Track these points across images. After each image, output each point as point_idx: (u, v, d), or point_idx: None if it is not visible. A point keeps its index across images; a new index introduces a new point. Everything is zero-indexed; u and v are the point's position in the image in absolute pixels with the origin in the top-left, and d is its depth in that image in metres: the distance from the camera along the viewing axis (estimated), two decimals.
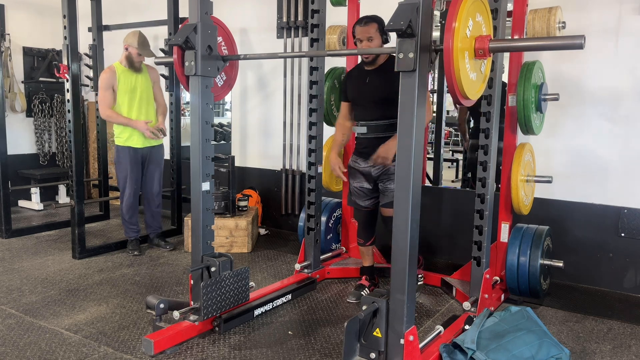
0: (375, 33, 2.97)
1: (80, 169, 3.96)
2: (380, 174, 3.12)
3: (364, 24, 2.99)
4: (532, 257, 3.03)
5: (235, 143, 5.29)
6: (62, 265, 3.86)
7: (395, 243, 2.08)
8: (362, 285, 3.35)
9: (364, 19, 3.02)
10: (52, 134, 6.07)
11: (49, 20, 5.86)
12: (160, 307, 2.56)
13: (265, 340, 2.71)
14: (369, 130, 3.10)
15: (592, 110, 3.50)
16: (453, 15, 1.89)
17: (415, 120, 1.98)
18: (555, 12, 2.94)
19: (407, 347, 2.10)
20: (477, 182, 2.97)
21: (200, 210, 2.68)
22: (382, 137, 3.03)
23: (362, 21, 3.01)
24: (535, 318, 2.59)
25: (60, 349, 2.55)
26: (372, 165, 3.11)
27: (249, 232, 4.27)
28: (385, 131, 3.05)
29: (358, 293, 3.28)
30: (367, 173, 3.18)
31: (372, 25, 2.98)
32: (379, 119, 3.07)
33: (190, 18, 2.57)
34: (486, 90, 2.89)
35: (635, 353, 2.66)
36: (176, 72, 2.67)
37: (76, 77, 3.92)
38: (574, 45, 1.87)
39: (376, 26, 2.98)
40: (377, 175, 3.14)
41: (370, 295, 2.23)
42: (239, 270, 2.80)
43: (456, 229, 4.03)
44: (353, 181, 3.27)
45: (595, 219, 3.53)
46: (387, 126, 3.04)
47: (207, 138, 2.68)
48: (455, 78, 1.92)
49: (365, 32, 2.98)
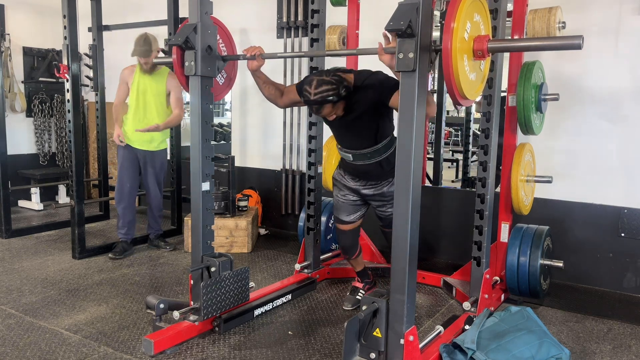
0: (333, 108, 2.58)
1: (80, 169, 3.97)
2: (374, 195, 2.92)
3: (316, 111, 2.60)
4: (532, 257, 3.03)
5: (235, 143, 5.29)
6: (62, 265, 3.86)
7: (395, 243, 2.08)
8: (355, 288, 3.25)
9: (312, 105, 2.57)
10: (52, 134, 6.07)
11: (49, 20, 5.86)
12: (160, 307, 2.56)
13: (265, 340, 2.71)
14: (355, 159, 2.84)
15: (592, 110, 3.50)
16: (452, 16, 1.89)
17: (415, 120, 1.98)
18: (555, 12, 2.94)
19: (407, 347, 2.10)
20: (477, 182, 2.97)
21: (200, 210, 2.68)
22: (369, 164, 2.82)
23: (312, 108, 2.60)
24: (535, 318, 2.59)
25: (60, 349, 2.55)
26: (363, 185, 2.92)
27: (249, 232, 4.27)
28: (371, 158, 2.80)
29: (353, 298, 3.17)
30: (356, 190, 2.97)
31: (325, 108, 2.57)
32: (362, 147, 2.79)
33: (190, 18, 2.57)
34: (486, 90, 2.89)
35: (635, 353, 2.66)
36: (176, 72, 2.67)
37: (76, 77, 3.92)
38: (572, 45, 1.87)
39: (330, 105, 2.55)
40: (368, 195, 2.94)
41: (370, 296, 2.23)
42: (239, 270, 2.80)
43: (456, 229, 4.03)
44: (338, 192, 3.04)
45: (595, 219, 3.53)
46: (372, 153, 2.78)
47: (207, 138, 2.68)
48: (454, 78, 1.92)
49: (324, 115, 2.64)
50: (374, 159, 2.80)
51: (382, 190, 2.89)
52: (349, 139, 2.83)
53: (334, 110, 2.60)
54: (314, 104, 2.54)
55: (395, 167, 2.05)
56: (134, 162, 4.08)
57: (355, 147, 2.81)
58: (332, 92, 2.50)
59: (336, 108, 2.60)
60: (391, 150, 2.80)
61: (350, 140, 2.82)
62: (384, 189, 2.88)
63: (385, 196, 2.89)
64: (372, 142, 2.76)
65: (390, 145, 2.80)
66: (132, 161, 4.07)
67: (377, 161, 2.80)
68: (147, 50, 3.86)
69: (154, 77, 4.00)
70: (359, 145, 2.79)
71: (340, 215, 3.05)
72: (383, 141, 2.78)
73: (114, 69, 5.71)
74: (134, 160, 4.08)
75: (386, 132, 2.79)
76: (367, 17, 3.80)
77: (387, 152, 2.80)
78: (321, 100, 2.51)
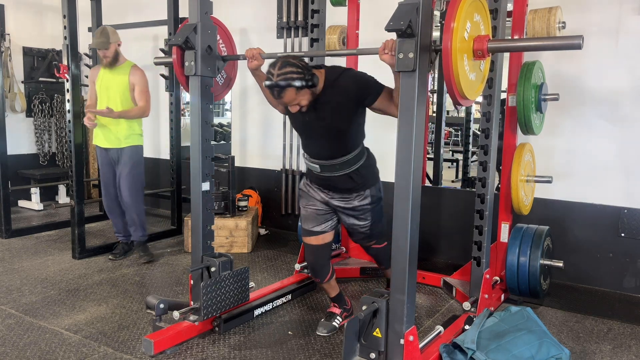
0: (297, 95, 2.31)
1: (80, 169, 3.97)
2: (345, 208, 2.65)
3: (277, 95, 2.31)
4: (532, 257, 3.03)
5: (235, 143, 5.29)
6: (62, 265, 3.86)
7: (395, 243, 2.08)
8: (332, 313, 2.89)
9: (274, 89, 2.29)
10: (52, 134, 6.07)
11: (49, 20, 5.87)
12: (160, 307, 2.56)
13: (265, 340, 2.71)
14: (323, 170, 2.58)
15: (592, 110, 3.49)
16: (452, 16, 1.89)
17: (415, 120, 1.98)
18: (555, 12, 2.94)
19: (407, 347, 2.10)
20: (477, 182, 2.97)
21: (200, 210, 2.68)
22: (338, 176, 2.56)
23: (274, 91, 2.30)
24: (535, 318, 2.59)
25: (60, 349, 2.55)
26: (332, 197, 2.66)
27: (249, 232, 4.27)
28: (340, 170, 2.54)
29: (330, 324, 2.81)
30: (324, 202, 2.70)
31: (288, 93, 2.29)
32: (331, 157, 2.53)
33: (190, 18, 2.57)
34: (486, 90, 2.89)
35: (635, 353, 2.66)
36: (175, 73, 2.66)
37: (76, 77, 3.92)
38: (572, 45, 1.87)
39: (293, 90, 2.28)
40: (339, 207, 2.67)
41: (370, 296, 2.23)
42: (239, 270, 2.80)
43: (456, 229, 4.03)
44: (305, 203, 2.75)
45: (595, 219, 3.53)
46: (342, 164, 2.53)
47: (207, 138, 2.68)
48: (454, 78, 1.92)
49: (284, 103, 2.35)
50: (342, 170, 2.55)
51: (352, 204, 2.63)
52: (317, 147, 2.58)
53: (298, 98, 2.32)
54: (276, 86, 2.27)
55: (395, 167, 2.05)
56: (110, 165, 3.94)
57: (324, 156, 2.55)
58: (297, 75, 2.26)
59: (300, 96, 2.32)
60: (362, 162, 2.58)
61: (319, 148, 2.57)
62: (354, 203, 2.63)
63: (357, 210, 2.65)
64: (342, 151, 2.52)
65: (361, 157, 2.58)
66: (108, 165, 3.94)
67: (347, 173, 2.55)
68: (104, 42, 3.68)
69: (116, 72, 3.81)
70: (328, 155, 2.54)
71: (309, 226, 2.73)
72: (354, 151, 2.54)
73: None
74: (109, 164, 3.94)
75: (358, 141, 2.57)
76: (367, 17, 3.80)
77: (358, 164, 2.56)
78: (284, 84, 2.26)
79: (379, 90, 2.38)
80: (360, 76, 2.45)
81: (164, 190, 5.20)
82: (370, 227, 2.71)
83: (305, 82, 2.28)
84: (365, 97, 2.38)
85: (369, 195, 2.63)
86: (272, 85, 2.29)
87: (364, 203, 2.63)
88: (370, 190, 2.63)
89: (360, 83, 2.41)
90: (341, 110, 2.42)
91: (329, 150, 2.53)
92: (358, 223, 2.70)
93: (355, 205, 2.64)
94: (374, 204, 2.65)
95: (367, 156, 2.63)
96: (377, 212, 2.69)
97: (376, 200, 2.66)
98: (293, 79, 2.26)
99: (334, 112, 2.43)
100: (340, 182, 2.59)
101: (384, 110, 2.40)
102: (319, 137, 2.54)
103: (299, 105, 2.36)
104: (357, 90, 2.39)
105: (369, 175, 2.63)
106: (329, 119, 2.44)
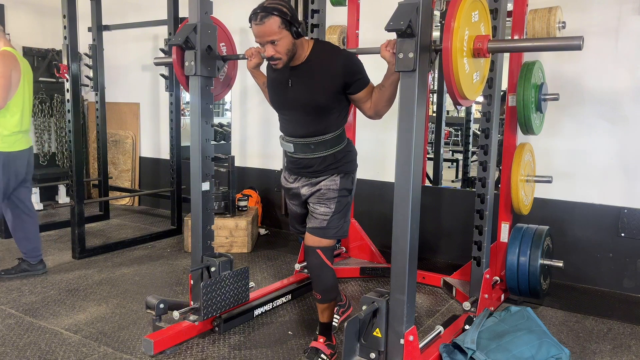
0: (278, 30, 2.19)
1: (80, 169, 3.97)
2: (310, 196, 2.48)
3: (260, 20, 2.18)
4: (532, 257, 3.03)
5: (235, 143, 5.29)
6: (62, 265, 3.86)
7: (396, 243, 2.08)
8: (316, 350, 2.49)
9: (259, 12, 2.18)
10: (52, 134, 6.07)
11: (49, 20, 5.86)
12: (160, 307, 2.56)
13: (265, 340, 2.71)
14: (296, 149, 2.43)
15: (592, 110, 3.50)
16: (452, 16, 1.89)
17: (415, 120, 1.98)
18: (555, 12, 2.94)
19: (407, 347, 2.10)
20: (477, 182, 2.97)
21: (200, 210, 2.68)
22: (312, 158, 2.42)
23: (257, 16, 2.18)
24: (535, 318, 2.59)
25: (60, 349, 2.55)
26: (302, 185, 2.50)
27: (249, 232, 4.27)
28: (315, 151, 2.39)
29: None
30: (296, 194, 2.55)
31: (272, 21, 2.18)
32: (306, 135, 2.39)
33: (190, 18, 2.57)
34: (486, 90, 2.89)
35: (635, 353, 2.66)
36: (175, 73, 2.66)
37: (76, 77, 3.92)
38: (572, 46, 1.87)
39: (278, 20, 2.17)
40: (306, 195, 2.50)
41: (370, 295, 2.22)
42: (239, 270, 2.80)
43: (456, 229, 4.03)
44: (288, 199, 2.67)
45: (595, 219, 3.53)
46: (317, 145, 2.39)
47: (207, 138, 2.68)
48: (454, 78, 1.92)
49: (263, 34, 2.21)
50: (318, 152, 2.40)
51: (318, 186, 2.44)
52: (292, 122, 2.44)
53: (278, 35, 2.19)
54: (262, 10, 2.17)
55: (395, 167, 2.05)
56: None
57: (299, 133, 2.41)
58: (285, 8, 2.19)
59: (280, 35, 2.20)
60: (340, 147, 2.43)
61: (294, 124, 2.43)
62: (320, 184, 2.44)
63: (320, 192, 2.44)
64: (318, 129, 2.37)
65: (340, 141, 2.44)
66: None
67: (322, 155, 2.41)
68: None
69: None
70: (304, 132, 2.39)
71: (295, 224, 2.72)
72: (332, 132, 2.39)
73: (114, 69, 5.74)
74: None
75: (337, 124, 2.41)
76: (367, 17, 3.80)
77: (336, 148, 2.42)
78: (271, 7, 2.16)
79: (366, 81, 2.32)
80: (354, 61, 2.33)
81: (164, 190, 5.20)
82: (330, 218, 2.41)
83: (291, 19, 2.20)
84: (351, 83, 2.29)
85: (338, 181, 2.43)
86: (257, 8, 2.19)
87: (330, 185, 2.42)
88: (341, 176, 2.43)
89: (351, 67, 2.30)
90: (323, 83, 2.31)
91: (305, 126, 2.39)
92: (318, 209, 2.44)
93: (321, 187, 2.43)
94: (341, 193, 2.43)
95: (347, 143, 2.49)
96: (342, 205, 2.45)
97: (344, 192, 2.45)
98: (281, 9, 2.18)
99: (314, 83, 2.32)
100: (312, 164, 2.43)
101: (359, 104, 2.35)
102: (295, 110, 2.40)
103: (275, 54, 2.24)
104: (344, 72, 2.29)
105: (344, 160, 2.45)
106: (307, 91, 2.34)
